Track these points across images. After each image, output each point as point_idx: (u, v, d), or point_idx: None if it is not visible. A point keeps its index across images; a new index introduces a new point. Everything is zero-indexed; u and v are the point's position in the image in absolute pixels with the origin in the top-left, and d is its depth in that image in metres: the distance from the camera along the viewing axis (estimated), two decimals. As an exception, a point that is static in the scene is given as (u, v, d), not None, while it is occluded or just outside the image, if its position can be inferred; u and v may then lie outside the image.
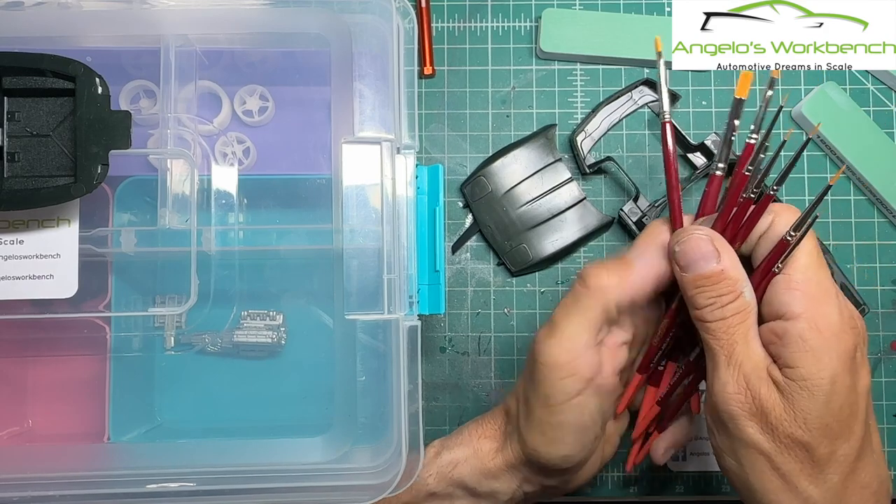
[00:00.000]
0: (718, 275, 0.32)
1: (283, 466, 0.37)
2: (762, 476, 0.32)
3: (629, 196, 0.49)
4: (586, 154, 0.49)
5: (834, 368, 0.31)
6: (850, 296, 0.47)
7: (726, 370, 0.32)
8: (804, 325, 0.31)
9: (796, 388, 0.31)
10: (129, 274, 0.42)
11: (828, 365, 0.31)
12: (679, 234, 0.34)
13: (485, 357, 0.50)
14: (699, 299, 0.33)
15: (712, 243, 0.33)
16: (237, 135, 0.43)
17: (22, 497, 0.36)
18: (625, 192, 0.50)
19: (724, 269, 0.32)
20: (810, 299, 0.32)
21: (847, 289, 0.47)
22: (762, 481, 0.32)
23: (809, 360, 0.31)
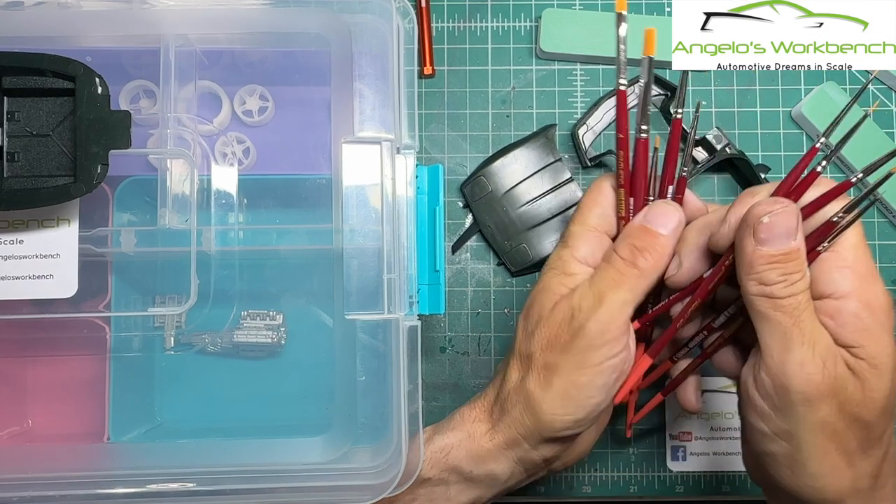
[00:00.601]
0: (795, 252, 0.31)
1: (283, 466, 0.37)
2: (825, 458, 0.32)
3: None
4: (587, 147, 0.49)
5: (892, 346, 0.31)
6: None
7: (801, 349, 0.31)
8: (856, 304, 0.31)
9: (866, 366, 0.31)
10: (128, 274, 0.42)
11: (888, 343, 0.31)
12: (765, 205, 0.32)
13: (485, 357, 0.50)
14: (770, 275, 0.32)
15: (798, 221, 0.32)
16: (237, 135, 0.43)
17: (22, 497, 0.36)
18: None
19: (800, 247, 0.32)
20: (861, 279, 0.32)
21: None
22: (823, 463, 0.32)
23: (870, 339, 0.31)
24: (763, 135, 0.50)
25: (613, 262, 0.36)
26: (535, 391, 0.37)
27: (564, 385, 0.36)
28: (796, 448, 0.32)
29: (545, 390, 0.36)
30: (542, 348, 0.36)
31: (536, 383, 0.37)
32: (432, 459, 0.39)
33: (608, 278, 0.36)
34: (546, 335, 0.36)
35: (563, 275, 0.37)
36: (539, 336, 0.37)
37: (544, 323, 0.36)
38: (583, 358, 0.35)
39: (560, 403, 0.36)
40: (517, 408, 0.38)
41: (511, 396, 0.38)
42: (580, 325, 0.35)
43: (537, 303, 0.37)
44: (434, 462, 0.39)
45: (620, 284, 0.35)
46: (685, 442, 0.49)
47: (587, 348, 0.35)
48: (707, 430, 0.49)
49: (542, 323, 0.37)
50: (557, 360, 0.36)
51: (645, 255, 0.35)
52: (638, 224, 0.36)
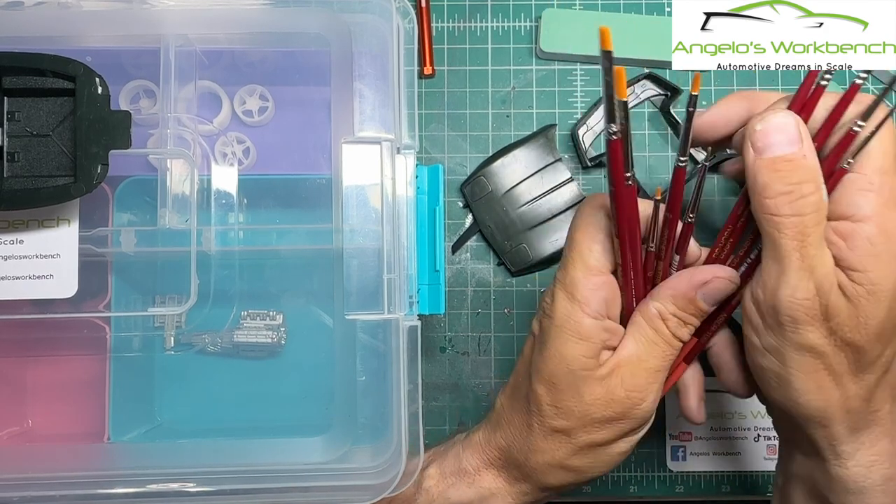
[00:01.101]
0: (800, 159, 0.30)
1: (283, 466, 0.37)
2: (810, 376, 0.32)
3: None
4: (587, 147, 0.49)
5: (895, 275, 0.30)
6: None
7: (797, 274, 0.30)
8: (873, 229, 0.30)
9: (863, 292, 0.30)
10: (129, 274, 0.42)
11: (893, 271, 0.30)
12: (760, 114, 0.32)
13: (485, 357, 0.50)
14: (775, 184, 0.30)
15: (797, 126, 0.31)
16: (237, 135, 0.43)
17: (22, 497, 0.36)
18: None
19: (805, 154, 0.30)
20: (883, 204, 0.30)
21: None
22: (807, 381, 0.32)
23: (877, 264, 0.30)
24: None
25: (661, 334, 0.35)
26: (576, 463, 0.37)
27: (608, 455, 0.37)
28: (782, 364, 0.32)
29: (590, 462, 0.37)
30: (584, 426, 0.35)
31: (578, 456, 0.36)
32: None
33: (658, 352, 0.35)
34: (589, 415, 0.35)
35: (580, 341, 0.34)
36: (579, 415, 0.35)
37: (584, 402, 0.35)
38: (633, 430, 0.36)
39: (606, 465, 0.37)
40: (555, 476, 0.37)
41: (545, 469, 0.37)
42: (636, 406, 0.35)
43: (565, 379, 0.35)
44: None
45: (670, 356, 0.35)
46: (685, 442, 0.49)
47: (639, 424, 0.36)
48: (707, 430, 0.49)
49: (581, 402, 0.35)
50: (605, 437, 0.36)
51: (689, 328, 0.35)
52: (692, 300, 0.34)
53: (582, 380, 0.34)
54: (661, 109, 0.50)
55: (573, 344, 0.34)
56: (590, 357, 0.34)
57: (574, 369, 0.34)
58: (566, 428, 0.36)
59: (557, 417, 0.35)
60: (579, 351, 0.34)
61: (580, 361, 0.34)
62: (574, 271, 0.34)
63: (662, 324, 0.35)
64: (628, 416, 0.35)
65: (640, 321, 0.35)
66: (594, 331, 0.34)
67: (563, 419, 0.35)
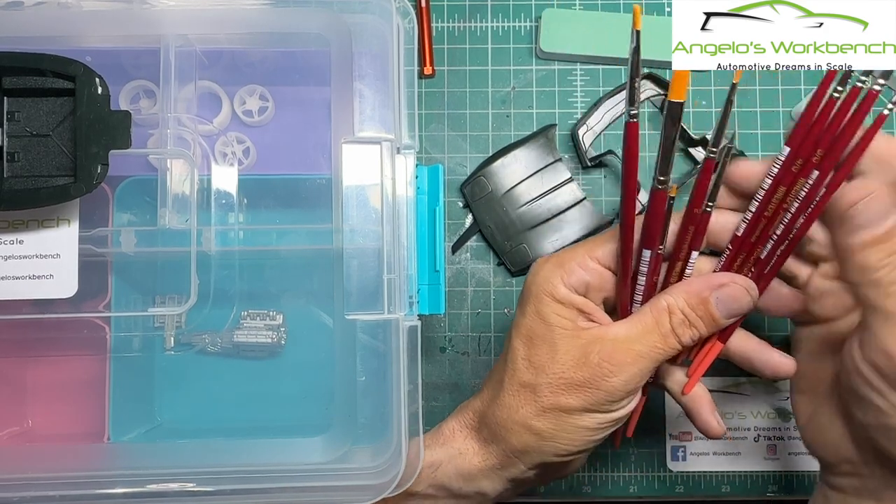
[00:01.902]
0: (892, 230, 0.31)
1: (283, 466, 0.37)
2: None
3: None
4: (588, 147, 0.49)
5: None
6: None
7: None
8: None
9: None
10: (129, 274, 0.42)
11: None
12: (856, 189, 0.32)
13: (485, 357, 0.50)
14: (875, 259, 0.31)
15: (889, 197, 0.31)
16: (237, 135, 0.43)
17: (22, 497, 0.36)
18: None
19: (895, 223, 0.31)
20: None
21: None
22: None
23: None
24: (763, 135, 0.50)
25: (661, 325, 0.35)
26: (538, 425, 0.36)
27: (572, 425, 0.36)
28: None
29: (551, 427, 0.36)
30: (551, 386, 0.35)
31: (540, 418, 0.36)
32: (420, 475, 0.38)
33: (650, 341, 0.35)
34: (558, 374, 0.35)
35: (555, 302, 0.35)
36: (549, 372, 0.35)
37: (557, 359, 0.35)
38: (598, 407, 0.35)
39: (564, 438, 0.36)
40: (514, 436, 0.37)
41: (507, 424, 0.37)
42: (606, 377, 0.34)
43: (541, 334, 0.36)
44: (422, 477, 0.38)
45: (661, 350, 0.35)
46: (685, 442, 0.49)
47: (606, 400, 0.35)
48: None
49: (553, 359, 0.35)
50: (569, 402, 0.35)
51: (693, 332, 0.35)
52: (706, 301, 0.34)
53: (559, 336, 0.35)
54: (661, 109, 0.50)
55: (549, 303, 0.35)
56: (566, 318, 0.35)
57: (552, 325, 0.35)
58: (534, 383, 0.36)
59: (527, 371, 0.36)
60: (555, 310, 0.35)
61: (557, 319, 0.35)
62: (576, 249, 0.36)
63: (667, 316, 0.35)
64: (597, 385, 0.34)
65: (644, 309, 0.35)
66: (568, 298, 0.35)
67: (533, 373, 0.36)
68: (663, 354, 0.35)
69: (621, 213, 0.34)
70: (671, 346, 0.35)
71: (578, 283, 0.35)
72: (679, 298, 0.35)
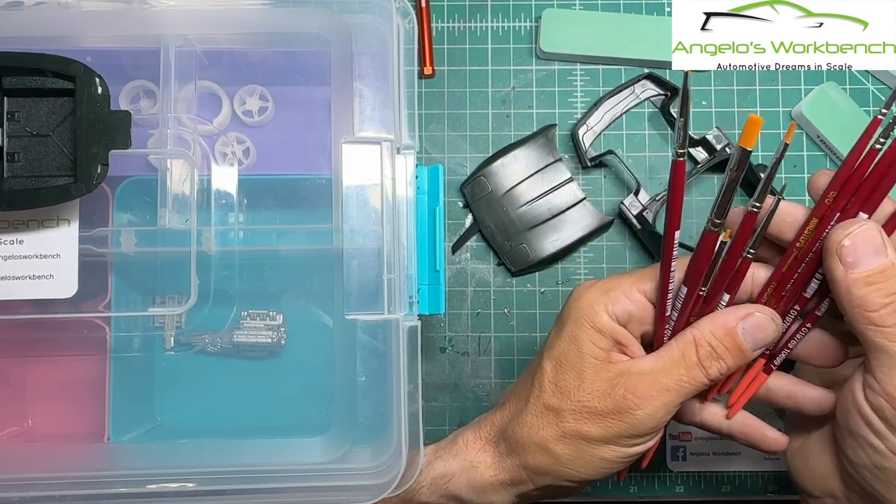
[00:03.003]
0: (891, 268, 0.30)
1: (283, 466, 0.37)
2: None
3: (630, 191, 0.49)
4: (588, 147, 0.49)
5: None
6: None
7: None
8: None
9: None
10: (129, 274, 0.42)
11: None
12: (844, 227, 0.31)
13: (485, 357, 0.50)
14: (875, 298, 0.30)
15: (881, 235, 0.31)
16: (237, 135, 0.43)
17: (22, 497, 0.36)
18: (625, 191, 0.50)
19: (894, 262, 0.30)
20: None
21: None
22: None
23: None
24: (763, 135, 0.50)
25: (687, 358, 0.34)
26: (556, 449, 0.36)
27: (591, 455, 0.36)
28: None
29: (570, 453, 0.36)
30: (574, 412, 0.35)
31: (560, 442, 0.36)
32: (433, 485, 0.39)
33: (677, 375, 0.34)
34: (583, 402, 0.35)
35: (593, 331, 0.35)
36: (574, 398, 0.35)
37: (582, 387, 0.35)
38: (620, 440, 0.35)
39: (580, 466, 0.36)
40: (531, 456, 0.37)
41: (525, 443, 0.37)
42: (630, 409, 0.34)
43: (572, 359, 0.36)
44: (434, 488, 0.39)
45: (687, 384, 0.34)
46: (685, 442, 0.49)
47: (629, 433, 0.35)
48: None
49: (580, 386, 0.35)
50: (591, 431, 0.35)
51: (720, 364, 0.34)
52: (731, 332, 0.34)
53: (589, 365, 0.35)
54: (661, 109, 0.50)
55: (587, 329, 0.35)
56: (600, 347, 0.35)
57: (583, 352, 0.35)
58: (558, 408, 0.36)
59: (553, 395, 0.36)
60: (592, 338, 0.35)
61: (590, 347, 0.35)
62: (623, 278, 0.36)
63: (693, 348, 0.34)
64: (620, 416, 0.34)
65: (671, 343, 0.35)
66: (608, 328, 0.35)
67: (558, 398, 0.36)
68: (690, 388, 0.34)
69: (663, 250, 0.34)
70: (697, 380, 0.34)
71: (622, 312, 0.35)
72: (705, 330, 0.34)
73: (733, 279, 0.34)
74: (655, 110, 0.50)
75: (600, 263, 0.50)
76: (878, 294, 0.30)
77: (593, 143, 0.50)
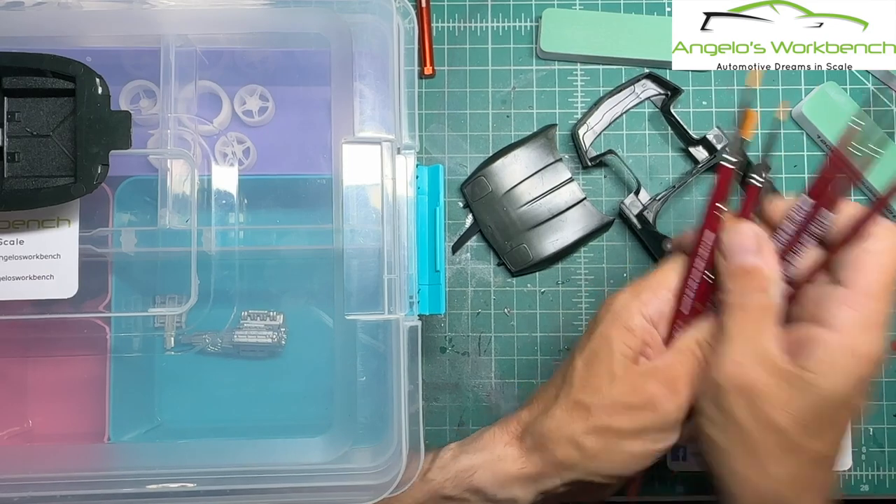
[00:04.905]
0: (753, 270, 0.34)
1: (283, 467, 0.37)
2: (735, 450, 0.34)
3: (630, 191, 0.49)
4: (588, 147, 0.49)
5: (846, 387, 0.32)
6: None
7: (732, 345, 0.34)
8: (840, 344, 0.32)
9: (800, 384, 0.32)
10: (129, 274, 0.42)
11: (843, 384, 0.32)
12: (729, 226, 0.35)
13: (485, 357, 0.50)
14: (729, 283, 0.35)
15: (756, 239, 0.34)
16: (237, 135, 0.43)
17: (22, 497, 0.36)
18: (625, 190, 0.50)
19: (758, 266, 0.34)
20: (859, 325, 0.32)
21: None
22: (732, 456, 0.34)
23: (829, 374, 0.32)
24: (763, 135, 0.50)
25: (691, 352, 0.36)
26: (586, 443, 0.36)
27: (620, 449, 0.36)
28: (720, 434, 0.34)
29: (599, 447, 0.36)
30: (605, 408, 0.36)
31: (590, 436, 0.36)
32: (456, 478, 0.39)
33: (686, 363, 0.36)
34: (614, 396, 0.36)
35: (626, 331, 0.36)
36: (605, 394, 0.36)
37: (614, 384, 0.36)
38: (649, 434, 0.36)
39: (609, 460, 0.36)
40: (560, 449, 0.37)
41: (554, 437, 0.37)
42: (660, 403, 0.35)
43: (603, 358, 0.37)
44: (458, 482, 0.39)
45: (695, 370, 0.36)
46: (685, 442, 0.49)
47: (657, 428, 0.36)
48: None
49: (611, 383, 0.36)
50: (622, 425, 0.36)
51: None
52: None
53: (619, 364, 0.36)
54: (662, 109, 0.50)
55: (620, 330, 0.36)
56: (631, 348, 0.36)
57: (614, 351, 0.36)
58: (588, 403, 0.36)
59: (584, 391, 0.37)
60: (623, 338, 0.36)
61: (621, 347, 0.36)
62: (650, 278, 0.37)
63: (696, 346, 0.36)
64: (651, 409, 0.35)
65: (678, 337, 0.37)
66: (640, 328, 0.36)
67: (589, 394, 0.36)
68: None
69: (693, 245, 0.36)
70: None
71: (655, 312, 0.37)
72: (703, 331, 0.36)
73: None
74: (656, 110, 0.50)
75: (600, 263, 0.50)
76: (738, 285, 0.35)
77: (594, 143, 0.50)
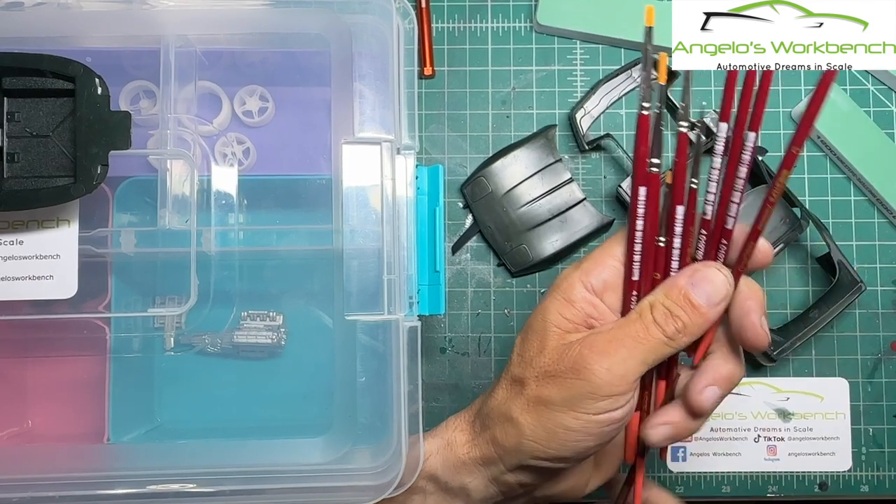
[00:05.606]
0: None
1: (284, 467, 0.37)
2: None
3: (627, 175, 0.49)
4: (585, 131, 0.49)
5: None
6: (846, 273, 0.47)
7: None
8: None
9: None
10: (128, 274, 0.42)
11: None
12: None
13: (485, 358, 0.50)
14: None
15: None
16: (237, 135, 0.43)
17: (22, 497, 0.36)
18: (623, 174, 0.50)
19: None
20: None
21: (844, 266, 0.47)
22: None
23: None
24: (763, 135, 0.50)
25: (643, 317, 0.34)
26: (520, 419, 0.35)
27: (553, 423, 0.35)
28: None
29: (532, 421, 0.35)
30: (536, 378, 0.35)
31: (524, 411, 0.35)
32: None
33: (633, 332, 0.34)
34: (543, 366, 0.35)
35: (564, 301, 0.35)
36: (536, 364, 0.35)
37: (543, 353, 0.35)
38: (580, 403, 0.34)
39: (544, 437, 0.35)
40: (499, 428, 0.36)
41: (494, 415, 0.37)
42: (586, 368, 0.34)
43: (537, 328, 0.36)
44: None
45: (644, 343, 0.34)
46: (685, 442, 0.49)
47: (587, 395, 0.34)
48: (707, 430, 0.49)
49: (541, 353, 0.35)
50: (551, 395, 0.35)
51: (676, 322, 0.34)
52: (681, 289, 0.34)
53: (552, 334, 0.35)
54: (660, 99, 0.50)
55: (558, 302, 0.36)
56: (567, 318, 0.35)
57: (548, 321, 0.35)
58: (522, 377, 0.36)
59: (518, 365, 0.36)
60: (559, 309, 0.35)
61: (556, 318, 0.35)
62: (596, 250, 0.37)
63: (649, 309, 0.34)
64: (577, 374, 0.34)
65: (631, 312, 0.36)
66: (579, 297, 0.35)
67: (522, 368, 0.36)
68: (648, 345, 0.34)
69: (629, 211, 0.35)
70: (655, 336, 0.34)
71: (598, 282, 0.35)
72: (659, 294, 0.35)
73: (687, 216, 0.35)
74: (655, 110, 0.50)
75: (600, 264, 0.50)
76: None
77: (591, 127, 0.49)
